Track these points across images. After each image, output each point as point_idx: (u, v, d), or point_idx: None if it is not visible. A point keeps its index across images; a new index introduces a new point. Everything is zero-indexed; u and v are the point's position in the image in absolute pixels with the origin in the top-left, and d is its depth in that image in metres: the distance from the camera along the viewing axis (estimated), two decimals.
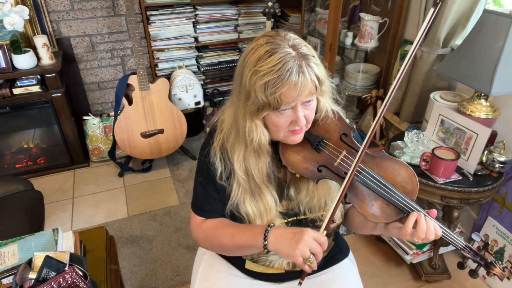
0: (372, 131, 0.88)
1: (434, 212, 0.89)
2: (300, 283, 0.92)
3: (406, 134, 1.71)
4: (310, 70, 0.81)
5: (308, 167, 0.93)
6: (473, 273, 0.94)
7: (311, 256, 0.85)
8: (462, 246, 0.92)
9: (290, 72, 0.79)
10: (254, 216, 0.97)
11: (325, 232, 0.89)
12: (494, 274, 0.91)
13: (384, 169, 0.92)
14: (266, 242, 0.89)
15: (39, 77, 2.46)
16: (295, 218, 1.01)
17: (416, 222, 0.85)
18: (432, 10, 0.83)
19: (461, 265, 1.01)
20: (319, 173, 0.92)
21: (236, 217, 1.00)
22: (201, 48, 3.04)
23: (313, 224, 1.02)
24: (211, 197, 1.01)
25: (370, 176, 0.90)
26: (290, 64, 0.79)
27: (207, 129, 3.16)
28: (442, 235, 0.88)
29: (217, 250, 1.08)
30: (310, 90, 0.82)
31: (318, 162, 0.93)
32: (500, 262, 1.82)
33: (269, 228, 0.91)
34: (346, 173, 0.90)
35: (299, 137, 0.91)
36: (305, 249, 0.84)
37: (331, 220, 0.90)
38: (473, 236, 1.08)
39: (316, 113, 0.93)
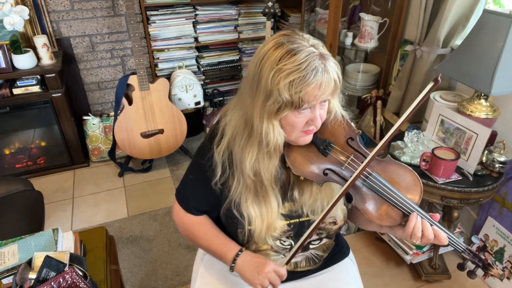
0: (385, 142, 0.87)
1: (437, 216, 0.91)
2: None
3: (406, 134, 1.71)
4: (333, 70, 0.81)
5: (314, 170, 0.92)
6: (471, 274, 0.97)
7: (270, 286, 0.95)
8: (462, 248, 0.94)
9: (316, 71, 0.78)
10: (255, 217, 0.96)
11: (286, 266, 0.95)
12: (492, 275, 0.93)
13: (389, 174, 0.93)
14: (233, 264, 0.99)
15: (39, 77, 2.46)
16: (297, 220, 1.01)
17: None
18: (431, 84, 0.84)
19: (461, 267, 1.04)
20: (325, 176, 0.92)
21: (234, 217, 0.98)
22: (201, 48, 3.04)
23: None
24: (198, 196, 1.03)
25: (377, 181, 0.91)
26: (316, 63, 0.79)
27: (208, 130, 3.16)
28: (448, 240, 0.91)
29: (191, 242, 1.15)
30: (332, 89, 0.83)
31: (325, 165, 0.93)
32: (497, 263, 1.82)
33: (240, 253, 0.99)
34: None
35: (310, 138, 0.91)
36: (265, 280, 0.94)
37: (298, 251, 0.95)
38: (473, 239, 1.11)
39: None
